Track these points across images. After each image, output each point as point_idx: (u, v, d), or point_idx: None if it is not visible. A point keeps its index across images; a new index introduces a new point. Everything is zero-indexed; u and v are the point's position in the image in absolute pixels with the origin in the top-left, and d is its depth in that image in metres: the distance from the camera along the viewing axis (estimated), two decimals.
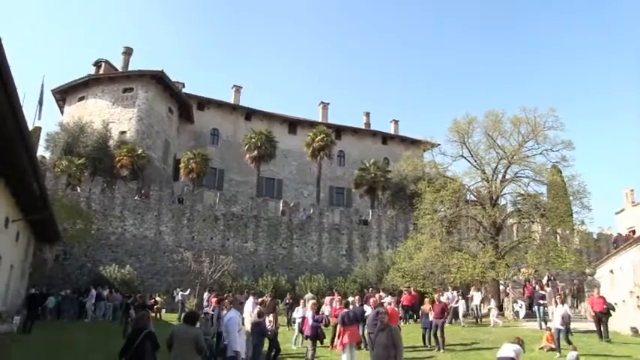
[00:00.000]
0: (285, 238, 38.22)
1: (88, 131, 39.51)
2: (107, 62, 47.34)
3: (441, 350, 16.44)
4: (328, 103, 56.27)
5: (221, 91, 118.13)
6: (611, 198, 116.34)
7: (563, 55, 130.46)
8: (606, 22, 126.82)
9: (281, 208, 39.73)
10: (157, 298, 27.01)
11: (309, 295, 23.84)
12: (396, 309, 21.75)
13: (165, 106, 45.75)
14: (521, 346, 10.68)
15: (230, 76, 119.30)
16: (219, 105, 51.14)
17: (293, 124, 53.04)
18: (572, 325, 24.61)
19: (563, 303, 17.26)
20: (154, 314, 24.47)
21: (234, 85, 53.45)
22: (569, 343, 15.21)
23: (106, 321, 26.55)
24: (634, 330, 28.70)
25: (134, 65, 47.87)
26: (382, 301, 19.90)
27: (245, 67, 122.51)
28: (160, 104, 44.92)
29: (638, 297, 33.42)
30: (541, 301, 23.78)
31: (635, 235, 39.67)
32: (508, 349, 10.16)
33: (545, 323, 21.84)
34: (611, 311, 19.09)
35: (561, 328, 15.42)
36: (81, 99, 44.81)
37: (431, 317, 17.76)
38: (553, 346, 16.13)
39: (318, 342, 14.31)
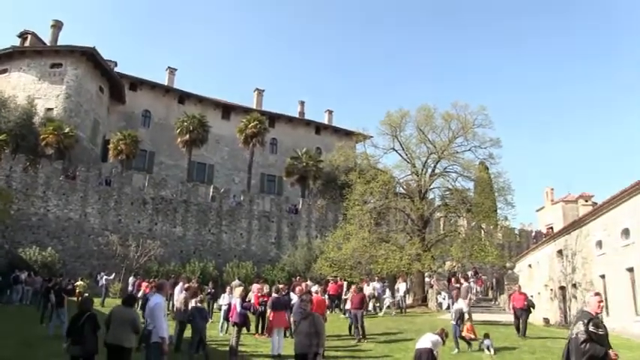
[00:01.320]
0: (214, 224, 37.97)
1: (11, 106, 37.58)
2: (34, 35, 45.19)
3: (362, 340, 16.56)
4: (263, 90, 56.00)
5: (155, 73, 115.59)
6: (532, 196, 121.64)
7: (495, 52, 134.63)
8: (541, 22, 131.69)
9: (211, 193, 39.40)
10: (79, 282, 26.23)
11: (236, 282, 23.84)
12: (324, 298, 22.00)
13: (96, 84, 44.18)
14: (444, 337, 11.07)
15: (165, 57, 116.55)
16: (153, 86, 49.91)
17: (227, 110, 52.49)
18: (492, 317, 25.90)
19: (457, 299, 17.28)
20: (75, 299, 23.83)
21: (169, 67, 52.29)
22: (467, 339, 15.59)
23: (24, 305, 25.65)
24: (546, 320, 30.31)
25: (64, 40, 46.05)
26: (310, 289, 20.10)
27: (181, 50, 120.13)
28: (90, 82, 43.34)
29: (551, 290, 35.28)
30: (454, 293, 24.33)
31: (553, 232, 41.60)
32: (426, 339, 10.44)
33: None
34: (532, 308, 19.32)
35: (454, 323, 15.33)
36: (3, 72, 42.51)
37: (348, 306, 17.89)
38: (472, 336, 16.79)
39: (244, 329, 14.38)
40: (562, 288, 33.12)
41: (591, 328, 5.83)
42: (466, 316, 20.96)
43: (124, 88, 47.07)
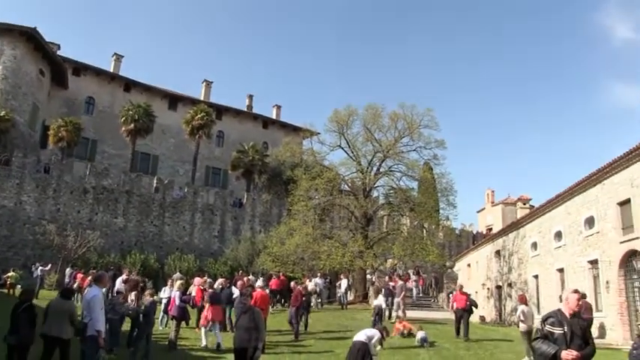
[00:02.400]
0: (156, 216, 37.41)
1: None
2: None
3: (299, 337, 16.51)
4: (212, 82, 55.36)
5: (100, 59, 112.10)
6: (474, 197, 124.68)
7: (442, 52, 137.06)
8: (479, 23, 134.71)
9: (155, 184, 38.77)
10: (11, 273, 25.12)
11: (177, 275, 23.59)
12: (267, 292, 22.01)
13: (36, 67, 42.31)
14: (384, 333, 11.29)
15: (111, 43, 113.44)
16: (97, 73, 48.44)
17: (174, 100, 51.60)
18: (431, 315, 26.51)
19: (376, 295, 17.18)
20: (6, 291, 23.05)
21: (115, 54, 50.86)
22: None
23: None
24: (482, 318, 31.22)
25: (1, 18, 44.08)
26: (254, 284, 20.09)
27: (128, 36, 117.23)
28: (30, 64, 41.48)
29: (488, 289, 36.36)
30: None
31: (492, 233, 42.78)
32: (362, 333, 10.66)
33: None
34: (474, 308, 18.53)
35: (372, 319, 15.69)
36: None
37: None
38: (406, 330, 17.21)
39: (183, 323, 14.28)
40: (498, 287, 34.17)
41: (547, 327, 5.67)
42: (395, 313, 21.23)
43: (66, 73, 45.34)
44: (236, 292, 16.96)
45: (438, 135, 31.73)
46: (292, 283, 19.97)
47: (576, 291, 5.93)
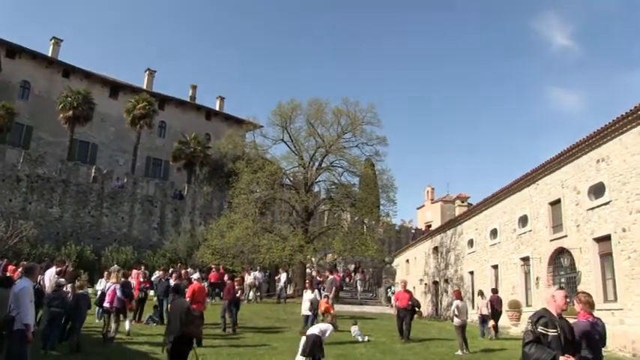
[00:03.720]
0: (94, 206, 36.47)
1: None
2: None
3: (230, 330, 16.41)
4: (155, 71, 54.19)
5: (38, 42, 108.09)
6: (414, 194, 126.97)
7: (389, 52, 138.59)
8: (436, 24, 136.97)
9: (93, 174, 37.74)
10: None
11: (114, 267, 23.11)
12: (204, 285, 21.80)
13: None
14: (335, 325, 11.61)
15: (49, 26, 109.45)
16: (34, 56, 46.44)
17: (115, 88, 50.19)
18: (369, 310, 26.92)
19: (312, 289, 16.65)
20: None
21: (54, 38, 48.91)
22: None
23: None
24: (419, 313, 31.90)
25: None
26: (190, 277, 19.87)
27: (68, 20, 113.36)
28: None
29: (426, 284, 37.17)
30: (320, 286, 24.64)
31: (431, 230, 43.66)
32: (315, 327, 10.95)
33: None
34: (417, 308, 17.43)
35: (309, 313, 15.13)
36: None
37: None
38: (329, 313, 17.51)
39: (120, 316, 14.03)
40: (435, 283, 34.98)
41: (540, 329, 5.06)
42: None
43: None
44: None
45: (380, 132, 32.11)
46: (226, 277, 19.83)
47: (562, 288, 5.57)
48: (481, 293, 20.36)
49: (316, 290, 17.59)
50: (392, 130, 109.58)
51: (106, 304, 13.68)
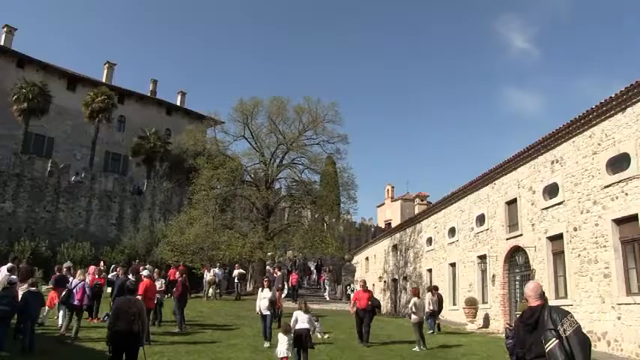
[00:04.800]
0: (50, 201, 35.62)
1: None
2: None
3: (177, 329, 16.06)
4: (115, 65, 53.12)
5: None
6: (374, 192, 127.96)
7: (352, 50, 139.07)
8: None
9: (49, 168, 36.83)
10: None
11: (67, 263, 22.57)
12: (162, 282, 21.52)
13: None
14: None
15: (2, 13, 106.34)
16: None
17: (73, 81, 48.91)
18: (329, 307, 27.06)
19: (270, 287, 15.53)
20: None
21: (6, 25, 47.36)
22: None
23: None
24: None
25: None
26: (140, 273, 19.59)
27: (23, 9, 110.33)
28: None
29: (385, 282, 37.55)
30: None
31: (391, 228, 44.12)
32: (304, 321, 11.48)
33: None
34: (377, 309, 16.06)
35: (268, 313, 14.34)
36: None
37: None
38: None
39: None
40: (394, 280, 35.38)
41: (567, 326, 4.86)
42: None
43: None
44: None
45: (342, 130, 32.33)
46: (177, 274, 19.62)
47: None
48: (430, 290, 20.64)
49: (274, 288, 17.31)
50: (353, 128, 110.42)
51: (75, 302, 13.47)
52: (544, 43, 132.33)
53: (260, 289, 15.26)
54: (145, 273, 15.91)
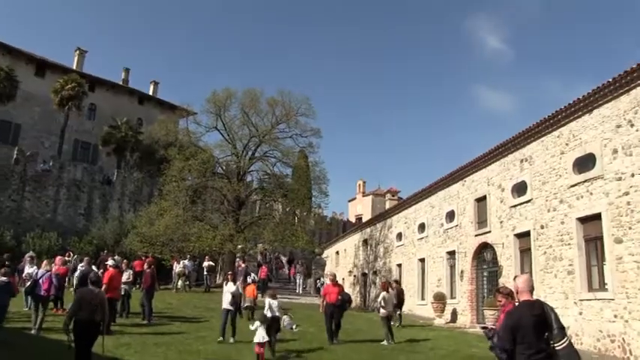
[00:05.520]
0: (15, 190, 34.94)
1: None
2: None
3: (146, 321, 16.03)
4: (86, 52, 52.18)
5: None
6: (346, 187, 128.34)
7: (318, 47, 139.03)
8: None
9: (15, 155, 36.09)
10: None
11: (30, 253, 22.16)
12: (119, 271, 21.20)
13: None
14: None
15: None
16: None
17: (42, 67, 47.89)
18: (299, 300, 27.12)
19: (234, 281, 15.01)
20: None
21: None
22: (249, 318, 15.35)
23: None
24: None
25: None
26: (105, 263, 19.42)
27: None
28: None
29: (355, 276, 37.75)
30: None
31: (362, 222, 44.30)
32: (274, 307, 12.26)
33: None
34: (348, 304, 15.45)
35: (230, 308, 13.72)
36: None
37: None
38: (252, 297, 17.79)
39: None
40: (364, 274, 35.57)
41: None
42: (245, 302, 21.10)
43: None
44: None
45: (315, 123, 32.31)
46: (145, 266, 19.46)
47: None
48: (391, 283, 20.79)
49: (238, 283, 16.88)
50: (326, 122, 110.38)
51: (42, 293, 13.29)
52: (517, 43, 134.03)
53: (225, 282, 14.82)
54: (110, 262, 15.73)
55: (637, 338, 12.46)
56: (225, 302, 13.77)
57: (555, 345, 4.77)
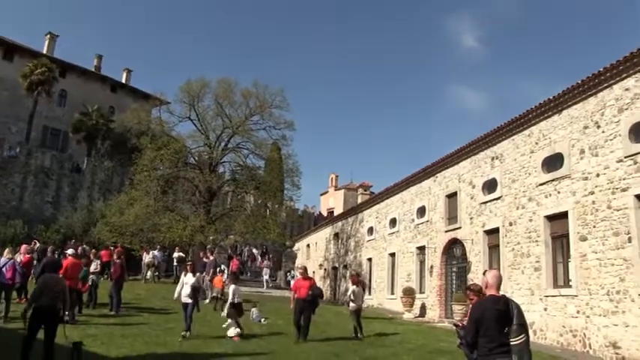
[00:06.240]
0: None
1: None
2: None
3: (113, 311, 15.86)
4: (57, 36, 51.09)
5: None
6: (318, 180, 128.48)
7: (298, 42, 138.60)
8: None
9: None
10: None
11: None
12: (79, 260, 20.83)
13: None
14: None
15: None
16: None
17: (10, 50, 46.70)
18: (269, 292, 27.11)
19: (194, 272, 13.88)
20: None
21: None
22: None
23: None
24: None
25: None
26: (65, 252, 19.13)
27: None
28: None
29: (325, 269, 37.90)
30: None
31: (333, 216, 44.45)
32: (236, 292, 13.02)
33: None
34: (319, 299, 14.30)
35: (189, 301, 12.88)
36: None
37: None
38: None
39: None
40: (335, 268, 35.75)
41: None
42: (209, 293, 20.98)
43: None
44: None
45: (289, 116, 32.21)
46: (115, 256, 19.23)
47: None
48: (353, 277, 20.87)
49: (198, 274, 16.32)
50: (299, 115, 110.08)
51: (6, 281, 13.06)
52: (493, 42, 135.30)
53: (183, 273, 13.82)
54: (69, 252, 15.39)
55: (597, 333, 12.83)
56: (184, 295, 12.97)
57: (512, 340, 4.91)
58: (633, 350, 11.74)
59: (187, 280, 13.15)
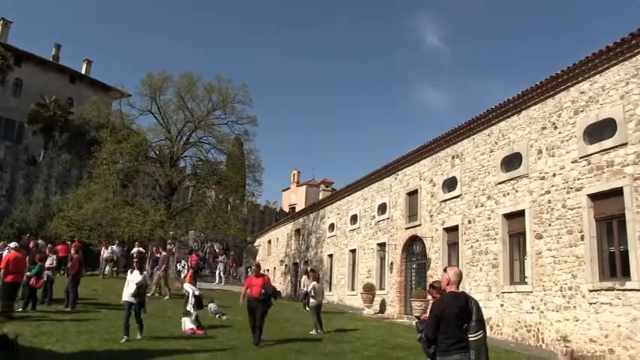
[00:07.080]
0: None
1: None
2: None
3: (69, 307, 15.54)
4: (11, 22, 49.54)
5: None
6: (280, 176, 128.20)
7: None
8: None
9: None
10: None
11: None
12: (22, 254, 20.26)
13: None
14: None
15: None
16: None
17: None
18: (229, 288, 26.96)
19: (141, 270, 13.03)
20: None
21: None
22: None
23: None
24: (278, 293, 32.54)
25: None
26: (8, 245, 18.70)
27: None
28: None
29: (286, 265, 37.92)
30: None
31: (295, 212, 44.44)
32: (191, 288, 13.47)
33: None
34: (273, 299, 12.76)
35: (132, 300, 11.78)
36: None
37: None
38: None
39: None
40: (296, 264, 35.78)
41: None
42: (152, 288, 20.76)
43: None
44: None
45: (251, 111, 32.11)
46: (72, 251, 18.83)
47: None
48: (307, 272, 20.98)
49: (145, 272, 15.57)
50: (262, 110, 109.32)
51: None
52: (456, 43, 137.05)
53: (129, 270, 12.69)
54: (11, 245, 14.97)
55: (550, 327, 13.23)
56: (127, 294, 11.90)
57: (470, 336, 5.03)
58: (582, 343, 12.15)
59: (133, 277, 12.19)
